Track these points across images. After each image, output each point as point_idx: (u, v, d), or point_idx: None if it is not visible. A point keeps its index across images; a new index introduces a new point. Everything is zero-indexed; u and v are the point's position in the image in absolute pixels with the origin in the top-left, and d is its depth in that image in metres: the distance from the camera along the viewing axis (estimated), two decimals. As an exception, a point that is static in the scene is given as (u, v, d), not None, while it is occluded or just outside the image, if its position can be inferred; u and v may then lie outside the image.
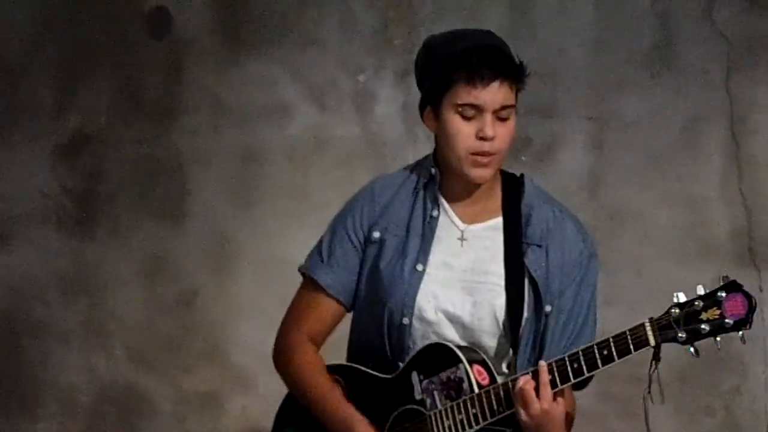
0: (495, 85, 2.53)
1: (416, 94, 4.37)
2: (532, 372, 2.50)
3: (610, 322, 2.67)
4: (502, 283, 2.59)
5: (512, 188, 2.66)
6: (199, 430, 4.50)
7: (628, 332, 2.46)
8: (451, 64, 2.55)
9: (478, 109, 2.55)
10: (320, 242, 2.74)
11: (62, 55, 4.60)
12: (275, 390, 4.43)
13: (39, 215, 4.64)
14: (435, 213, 2.63)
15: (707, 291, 2.48)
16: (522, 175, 2.68)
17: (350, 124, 4.42)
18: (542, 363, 2.49)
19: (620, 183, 4.19)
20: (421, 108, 2.68)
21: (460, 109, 2.56)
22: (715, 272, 4.08)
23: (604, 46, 4.19)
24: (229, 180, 4.52)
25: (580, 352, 2.47)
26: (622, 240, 4.20)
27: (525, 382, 2.49)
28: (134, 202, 4.59)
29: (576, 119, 4.23)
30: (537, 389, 2.48)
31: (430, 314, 2.60)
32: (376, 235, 2.65)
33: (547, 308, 2.60)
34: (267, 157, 4.49)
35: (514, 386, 2.50)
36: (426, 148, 4.37)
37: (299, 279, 4.36)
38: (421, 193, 2.65)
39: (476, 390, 2.53)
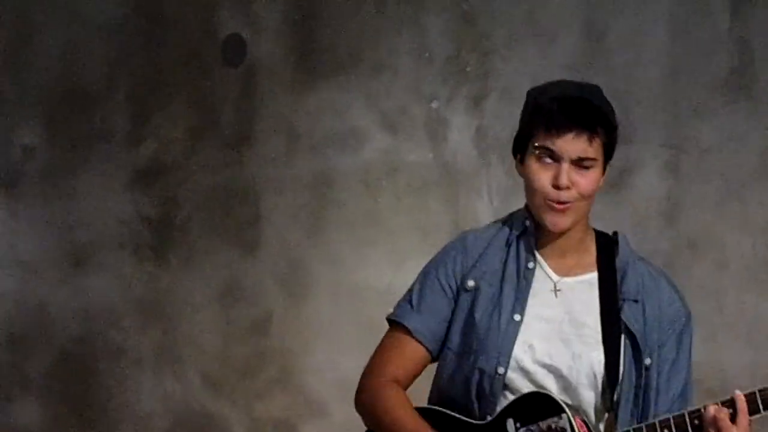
0: (571, 135, 2.52)
1: (489, 120, 4.39)
2: (723, 402, 2.46)
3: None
4: (599, 336, 2.56)
5: (606, 245, 2.64)
6: (272, 457, 4.50)
7: (757, 392, 2.45)
8: (534, 113, 2.57)
9: (555, 156, 2.54)
10: (410, 291, 2.70)
11: (138, 83, 4.65)
12: (348, 417, 4.43)
13: (115, 242, 4.68)
14: (531, 264, 2.61)
15: None
16: (615, 233, 2.66)
17: (423, 151, 4.41)
18: (738, 392, 2.46)
19: (697, 210, 4.14)
20: (514, 153, 2.66)
21: (537, 152, 2.55)
22: (795, 301, 4.04)
23: (680, 71, 4.16)
24: (302, 206, 4.53)
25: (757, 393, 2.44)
26: (700, 268, 4.15)
27: (717, 410, 2.45)
28: (209, 228, 4.61)
29: (652, 145, 4.20)
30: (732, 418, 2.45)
31: (528, 364, 2.56)
32: (471, 283, 2.62)
33: (647, 361, 2.57)
34: (340, 183, 4.50)
35: (685, 421, 2.45)
36: (499, 173, 4.38)
37: (372, 304, 4.39)
38: (515, 244, 2.63)
39: None
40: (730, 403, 2.44)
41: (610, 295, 2.58)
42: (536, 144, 2.54)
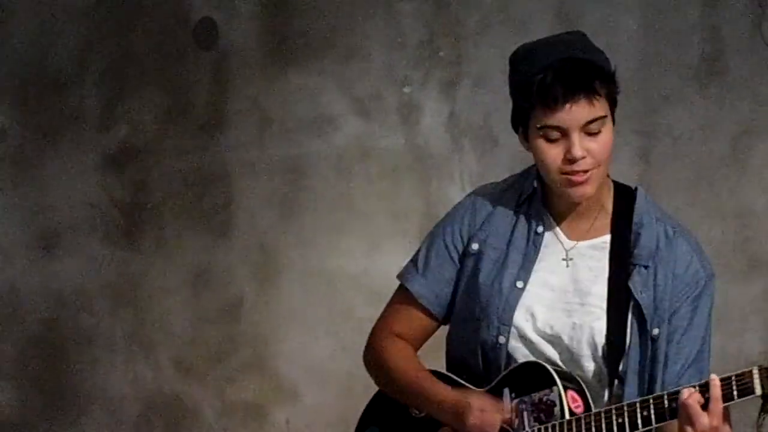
0: (571, 104, 2.39)
1: (461, 106, 4.40)
2: (699, 386, 2.33)
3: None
4: (603, 305, 2.47)
5: (624, 203, 2.52)
6: (243, 441, 4.50)
7: (733, 377, 2.31)
8: (526, 88, 2.42)
9: (562, 131, 2.41)
10: (417, 252, 2.63)
11: (109, 66, 4.63)
12: (320, 401, 4.45)
13: (86, 225, 4.66)
14: (540, 229, 2.52)
15: None
16: (636, 188, 2.56)
17: (395, 136, 4.41)
18: (714, 376, 2.32)
19: (668, 197, 4.15)
20: (514, 126, 2.54)
21: (543, 133, 2.43)
22: (763, 287, 4.06)
23: (651, 58, 4.17)
24: (274, 191, 4.53)
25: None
26: (670, 254, 4.16)
27: (690, 395, 2.32)
28: (180, 213, 4.60)
29: (624, 132, 4.20)
30: (704, 405, 2.32)
31: (529, 333, 2.50)
32: (475, 247, 2.54)
33: (655, 332, 2.46)
34: (312, 169, 4.49)
35: (623, 412, 2.36)
36: (471, 158, 4.39)
37: (344, 289, 4.39)
38: (525, 207, 2.54)
39: (567, 415, 2.41)
40: (706, 388, 2.33)
41: (621, 261, 2.47)
42: (538, 125, 2.42)
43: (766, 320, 4.01)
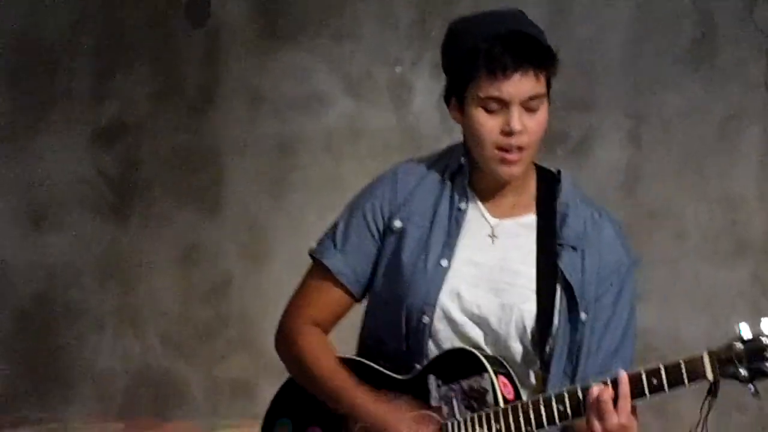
0: (518, 75, 2.32)
1: (453, 87, 4.40)
2: (611, 382, 2.27)
3: (642, 319, 2.63)
4: (533, 286, 2.40)
5: (548, 184, 2.45)
6: (230, 418, 4.51)
7: (683, 363, 2.23)
8: (472, 56, 2.35)
9: (503, 103, 2.34)
10: (334, 226, 2.51)
11: (101, 43, 4.62)
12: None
13: (76, 200, 4.66)
14: (463, 205, 2.42)
15: None
16: (559, 172, 2.47)
17: (386, 116, 4.41)
18: (623, 372, 2.26)
19: (657, 180, 4.17)
20: (447, 98, 2.45)
21: (483, 103, 2.35)
22: (751, 271, 4.08)
23: (643, 41, 4.17)
24: (264, 169, 4.53)
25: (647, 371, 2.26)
26: (658, 237, 4.17)
27: (602, 392, 2.25)
28: (170, 189, 4.60)
29: (614, 115, 4.21)
30: (614, 401, 2.25)
31: (455, 314, 2.40)
32: (398, 224, 2.43)
33: (583, 316, 2.39)
34: (303, 148, 4.49)
35: (564, 399, 2.29)
36: (461, 139, 4.38)
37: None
38: (449, 183, 2.44)
39: (501, 403, 2.33)
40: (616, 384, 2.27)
41: (548, 241, 2.40)
42: (481, 94, 2.34)
43: (752, 304, 4.03)
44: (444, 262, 2.41)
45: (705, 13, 4.13)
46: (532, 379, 2.42)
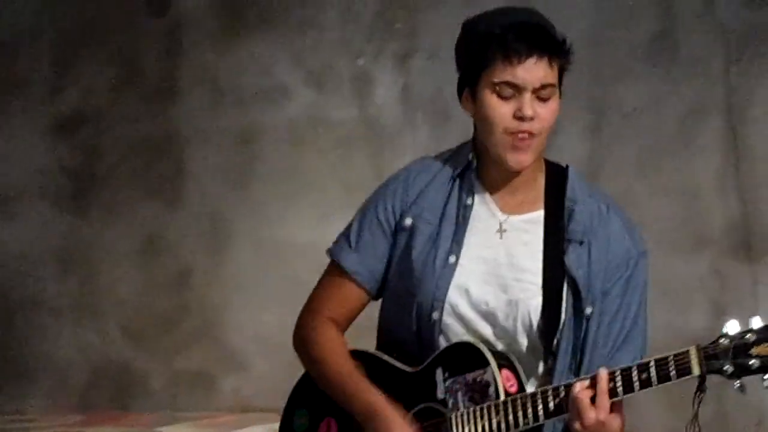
0: (532, 61, 2.39)
1: (415, 78, 4.40)
2: (591, 379, 2.33)
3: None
4: (539, 282, 2.45)
5: (556, 179, 2.50)
6: (190, 409, 4.50)
7: (671, 357, 2.28)
8: (487, 42, 2.41)
9: (517, 88, 2.40)
10: (349, 226, 2.57)
11: (60, 32, 4.59)
12: (268, 370, 4.46)
13: (35, 191, 4.64)
14: (469, 201, 2.49)
15: (763, 324, 2.25)
16: (567, 167, 2.53)
17: (348, 107, 4.41)
18: (602, 370, 2.32)
19: (617, 173, 4.19)
20: (459, 90, 2.50)
21: (497, 88, 2.41)
22: (710, 264, 4.11)
23: (603, 35, 4.19)
24: (226, 160, 4.52)
25: (636, 366, 2.31)
26: (618, 230, 4.19)
27: (581, 389, 2.32)
28: (131, 180, 4.59)
29: (574, 108, 4.23)
30: (593, 398, 2.31)
31: (464, 310, 2.47)
32: (408, 222, 2.50)
33: (588, 310, 2.44)
34: (264, 139, 4.49)
35: (559, 393, 2.35)
36: (423, 130, 4.40)
37: (294, 259, 4.39)
38: (458, 180, 2.51)
39: (501, 396, 2.39)
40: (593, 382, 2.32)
41: (555, 237, 2.45)
42: (495, 80, 2.40)
43: (711, 296, 4.06)
44: (452, 259, 2.47)
45: (665, 7, 4.15)
46: (541, 371, 2.48)
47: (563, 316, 2.45)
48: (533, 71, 2.41)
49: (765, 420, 3.98)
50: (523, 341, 2.47)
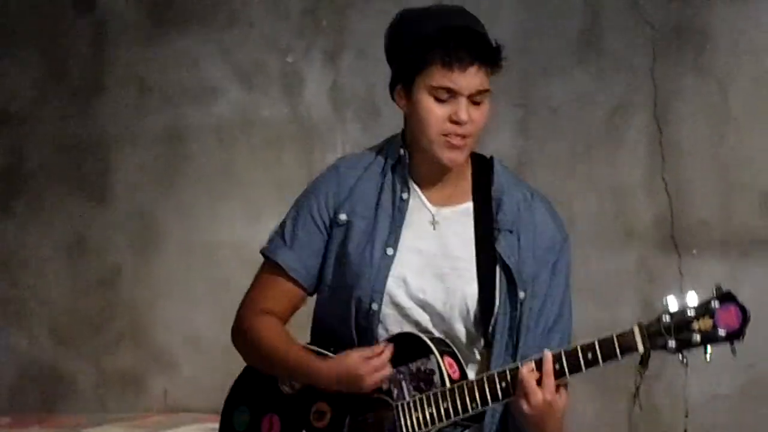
0: (472, 69, 2.46)
1: (344, 76, 4.40)
2: (536, 361, 2.41)
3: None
4: (473, 270, 2.53)
5: (482, 171, 2.58)
6: (119, 410, 4.47)
7: (615, 337, 2.37)
8: (426, 44, 2.47)
9: (453, 93, 2.47)
10: (283, 223, 2.62)
11: (-16, 29, 4.54)
12: (198, 371, 4.44)
13: (-41, 191, 4.59)
14: (405, 195, 2.56)
15: (701, 299, 2.36)
16: (492, 158, 2.61)
17: (278, 105, 4.40)
18: (547, 352, 2.41)
19: (545, 169, 4.21)
20: (392, 85, 2.55)
21: (434, 92, 2.48)
22: (637, 259, 4.15)
23: (530, 31, 4.21)
24: (153, 159, 4.50)
25: (578, 349, 2.40)
26: (547, 225, 4.21)
27: (528, 371, 2.41)
28: (57, 180, 4.55)
29: (502, 105, 4.25)
30: (539, 380, 2.40)
31: (402, 300, 2.53)
32: (343, 217, 2.56)
33: (521, 295, 2.52)
34: (193, 137, 4.47)
35: (506, 377, 2.43)
36: (354, 128, 4.40)
37: (224, 258, 4.38)
38: (390, 174, 2.57)
39: (447, 383, 2.46)
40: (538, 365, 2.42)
41: (486, 226, 2.54)
42: (433, 84, 2.46)
43: (639, 291, 4.10)
44: (390, 251, 2.54)
45: (591, 2, 4.19)
46: (477, 358, 2.56)
47: (497, 301, 2.52)
48: (472, 79, 2.47)
49: (693, 412, 4.03)
50: (460, 328, 2.54)
